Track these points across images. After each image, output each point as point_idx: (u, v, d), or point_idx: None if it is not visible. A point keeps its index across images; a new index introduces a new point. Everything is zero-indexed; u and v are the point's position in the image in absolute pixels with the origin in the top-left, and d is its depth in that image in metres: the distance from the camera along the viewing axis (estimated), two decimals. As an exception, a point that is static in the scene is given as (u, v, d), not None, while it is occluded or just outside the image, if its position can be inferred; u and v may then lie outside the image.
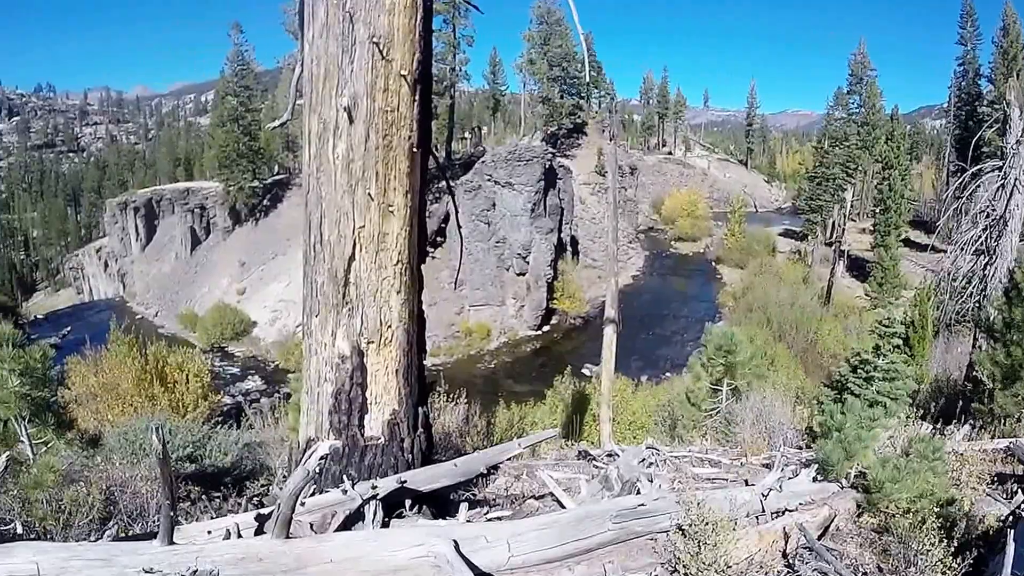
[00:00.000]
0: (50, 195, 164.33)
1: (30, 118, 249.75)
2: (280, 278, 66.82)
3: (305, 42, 6.12)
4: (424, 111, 6.17)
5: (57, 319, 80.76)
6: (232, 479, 9.89)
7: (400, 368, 6.41)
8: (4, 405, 11.01)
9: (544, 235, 59.32)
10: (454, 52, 73.97)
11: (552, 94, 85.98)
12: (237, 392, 49.10)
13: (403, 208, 6.11)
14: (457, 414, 16.54)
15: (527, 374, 49.40)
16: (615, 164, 22.05)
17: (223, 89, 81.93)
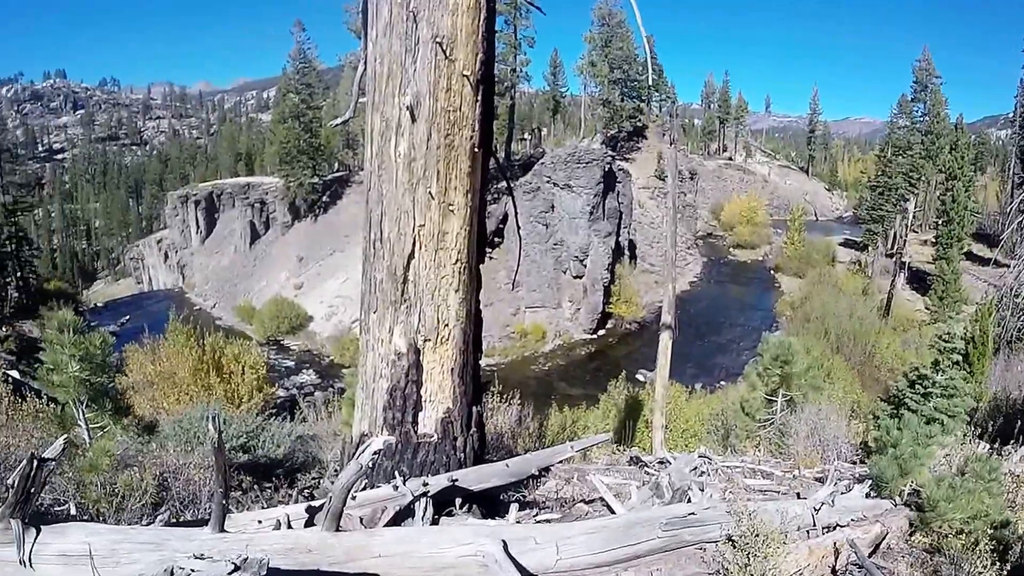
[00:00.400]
0: (113, 187, 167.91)
1: (94, 111, 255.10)
2: (337, 274, 67.34)
3: (368, 41, 6.15)
4: (486, 112, 6.16)
5: (116, 307, 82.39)
6: (284, 471, 9.98)
7: (456, 367, 6.41)
8: (63, 389, 11.28)
9: (602, 238, 59.14)
10: (515, 53, 73.93)
11: (613, 97, 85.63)
12: (291, 385, 49.63)
13: (463, 207, 6.11)
14: (510, 415, 16.54)
15: (581, 378, 49.32)
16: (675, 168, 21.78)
17: (285, 86, 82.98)
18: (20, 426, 10.90)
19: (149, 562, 4.48)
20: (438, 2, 5.67)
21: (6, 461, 7.91)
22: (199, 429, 11.81)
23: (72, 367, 11.25)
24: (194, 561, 4.04)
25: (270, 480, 9.29)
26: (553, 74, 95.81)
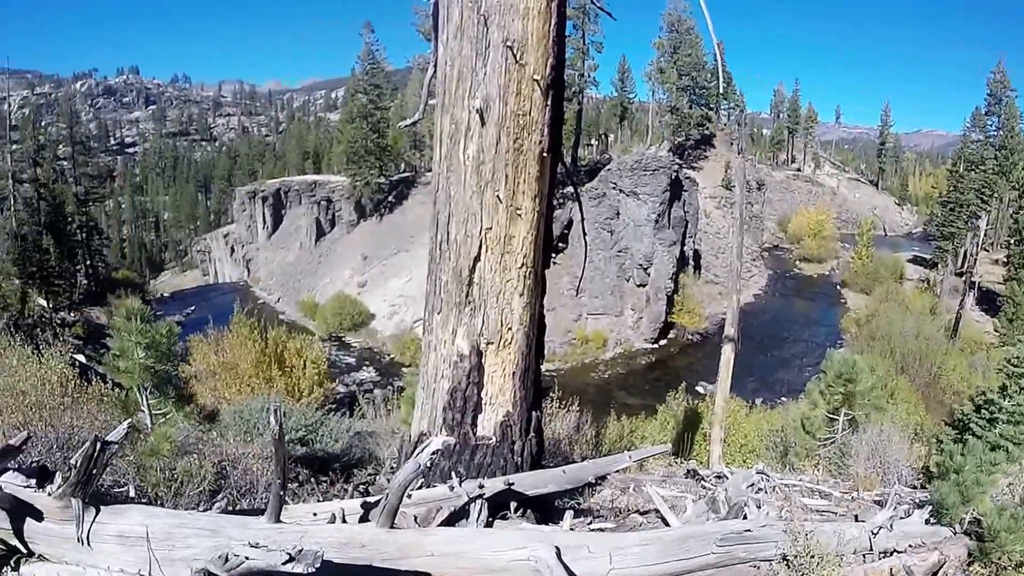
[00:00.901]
0: (182, 180, 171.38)
1: (166, 107, 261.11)
2: (401, 274, 67.80)
3: (439, 43, 6.18)
4: (555, 116, 6.14)
5: (182, 298, 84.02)
6: (340, 465, 10.08)
7: (517, 371, 6.40)
8: (128, 375, 11.51)
9: (667, 247, 58.68)
10: (583, 58, 73.81)
11: (681, 104, 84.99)
12: (351, 381, 50.14)
13: (531, 212, 6.09)
14: (568, 421, 16.47)
15: (640, 387, 49.01)
16: (743, 178, 21.71)
17: (354, 86, 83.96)
18: (85, 409, 11.12)
19: (204, 547, 4.58)
20: (509, 6, 5.66)
21: (69, 442, 8.09)
22: (259, 420, 11.99)
23: (138, 354, 11.47)
24: (249, 549, 4.09)
25: (326, 474, 9.39)
26: (621, 80, 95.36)
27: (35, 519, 4.85)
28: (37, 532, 4.88)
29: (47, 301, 54.36)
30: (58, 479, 4.87)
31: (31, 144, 68.58)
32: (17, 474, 5.12)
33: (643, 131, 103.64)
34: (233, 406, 15.16)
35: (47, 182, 67.25)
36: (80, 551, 4.77)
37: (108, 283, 77.83)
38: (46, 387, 12.00)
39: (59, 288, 57.16)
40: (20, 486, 4.98)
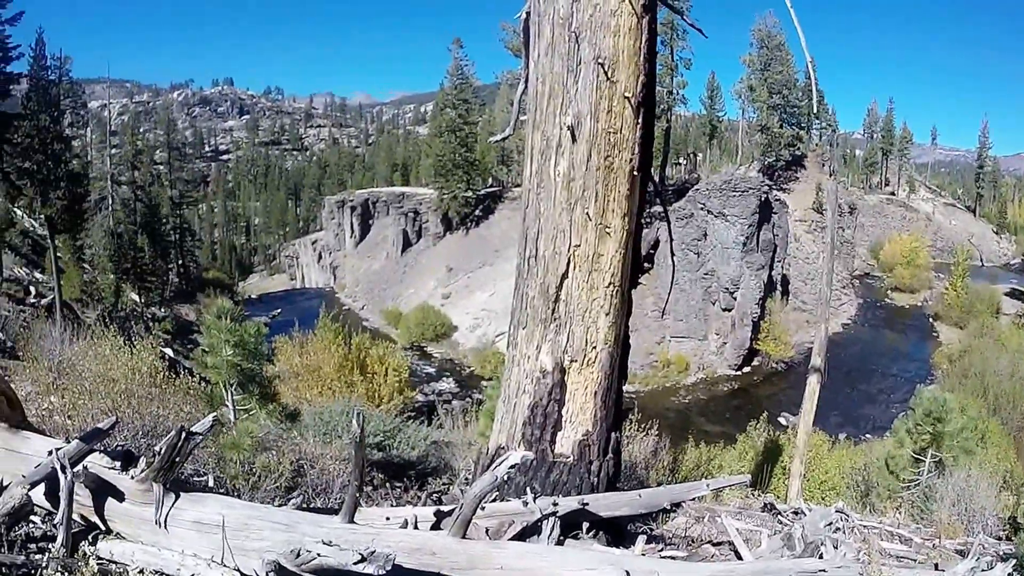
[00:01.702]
0: (273, 188, 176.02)
1: (259, 117, 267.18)
2: (485, 287, 68.21)
3: (530, 60, 6.19)
4: (646, 134, 6.10)
5: (269, 301, 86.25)
6: (416, 473, 10.16)
7: (599, 390, 6.33)
8: (216, 371, 11.85)
9: (754, 271, 57.59)
10: (672, 75, 73.34)
11: (771, 123, 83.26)
12: (431, 391, 50.57)
13: (620, 230, 6.05)
14: (646, 445, 16.29)
15: (721, 414, 48.34)
16: (835, 202, 21.20)
17: (442, 101, 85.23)
18: (171, 400, 11.44)
19: (277, 541, 4.65)
20: (600, 23, 5.66)
21: (155, 430, 8.33)
22: (339, 422, 12.14)
23: (226, 351, 11.78)
24: (322, 547, 4.13)
25: (401, 480, 9.48)
26: (710, 97, 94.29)
27: (116, 500, 5.06)
28: (117, 512, 5.07)
29: (140, 296, 56.18)
30: (142, 464, 5.07)
31: (130, 149, 71.39)
32: (103, 456, 5.38)
33: (732, 150, 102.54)
34: (314, 407, 15.38)
35: (144, 185, 69.82)
36: (157, 533, 4.94)
37: (198, 282, 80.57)
38: (136, 377, 12.36)
39: (151, 285, 58.98)
40: (105, 467, 5.23)
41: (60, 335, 19.60)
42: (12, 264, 44.14)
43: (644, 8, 5.79)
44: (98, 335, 16.35)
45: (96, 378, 11.48)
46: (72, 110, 53.40)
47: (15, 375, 11.81)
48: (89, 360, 13.42)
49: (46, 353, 14.72)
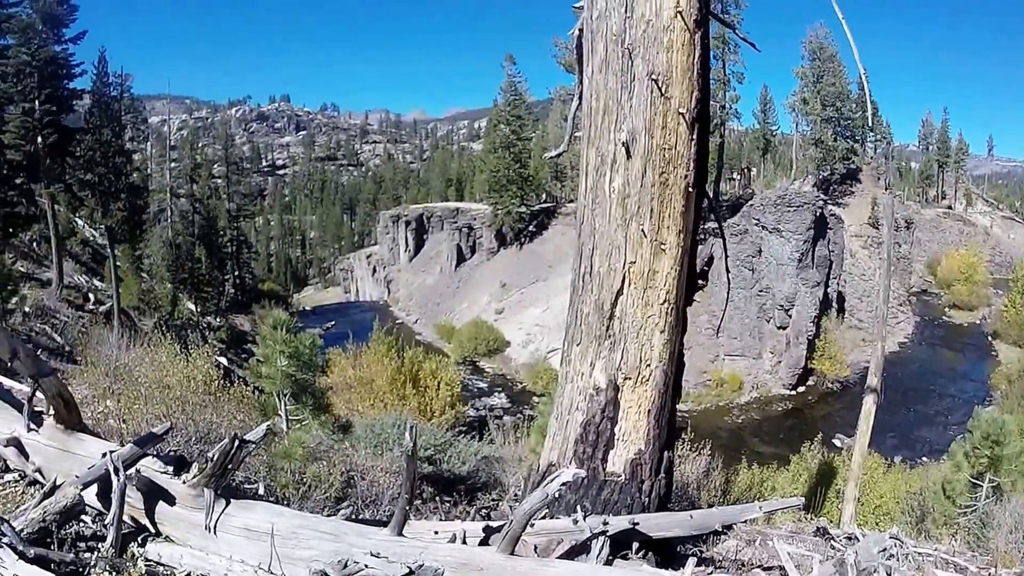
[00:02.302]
0: (328, 202, 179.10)
1: (315, 133, 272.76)
2: (538, 303, 68.21)
3: (584, 77, 6.19)
4: (700, 150, 6.07)
5: (324, 313, 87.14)
6: (465, 487, 10.19)
7: (652, 408, 6.28)
8: (270, 381, 12.00)
9: (810, 288, 56.60)
10: (724, 89, 72.68)
11: (825, 136, 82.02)
12: (482, 406, 50.62)
13: (675, 247, 6.01)
14: (698, 465, 16.12)
15: (774, 435, 47.63)
16: (891, 217, 20.78)
17: (496, 117, 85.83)
18: (225, 407, 11.65)
19: (325, 551, 4.72)
20: (653, 39, 5.65)
21: (207, 436, 8.47)
22: (390, 435, 12.22)
23: (281, 362, 11.92)
24: (370, 558, 4.18)
25: (450, 494, 9.51)
26: (763, 111, 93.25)
27: (167, 503, 5.21)
28: (167, 515, 5.20)
29: (196, 306, 57.39)
30: (194, 469, 5.27)
31: (189, 163, 73.29)
32: (156, 460, 5.57)
33: (786, 164, 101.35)
34: (366, 419, 15.49)
35: (202, 198, 71.48)
36: (206, 538, 5.04)
37: (254, 294, 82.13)
38: (191, 384, 12.60)
39: (208, 295, 60.24)
40: (158, 471, 5.40)
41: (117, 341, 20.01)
42: (73, 271, 45.14)
43: (696, 23, 5.78)
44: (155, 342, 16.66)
45: (152, 384, 11.72)
46: (133, 125, 54.61)
47: (72, 379, 12.05)
48: (145, 366, 13.69)
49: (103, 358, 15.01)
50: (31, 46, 38.89)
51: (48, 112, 39.66)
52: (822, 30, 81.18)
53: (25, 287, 31.56)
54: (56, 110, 40.46)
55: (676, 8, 5.64)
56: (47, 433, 6.03)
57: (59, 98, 40.80)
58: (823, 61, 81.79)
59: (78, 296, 40.03)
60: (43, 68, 39.19)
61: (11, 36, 39.61)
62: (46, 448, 5.96)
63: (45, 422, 6.10)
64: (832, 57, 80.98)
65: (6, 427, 6.19)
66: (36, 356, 6.20)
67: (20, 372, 6.32)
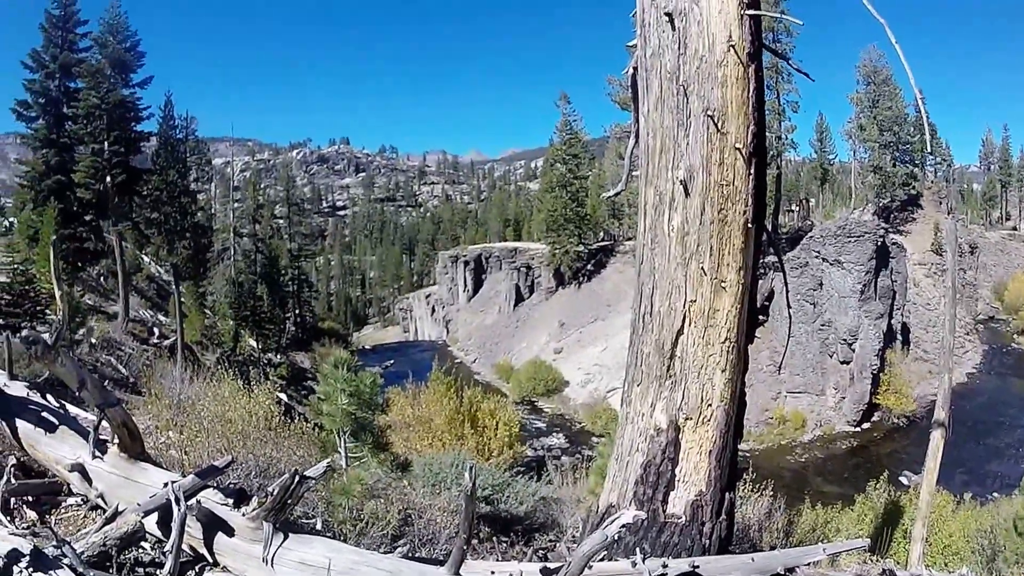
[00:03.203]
0: (388, 243, 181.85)
1: (374, 175, 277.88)
2: (597, 342, 67.98)
3: (640, 115, 6.22)
4: (758, 185, 6.03)
5: (383, 352, 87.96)
6: (523, 528, 10.13)
7: (714, 449, 6.19)
8: (330, 418, 12.16)
9: (873, 320, 55.27)
10: (780, 119, 71.82)
11: (883, 162, 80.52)
12: (540, 446, 50.21)
13: (735, 284, 5.96)
14: (760, 506, 15.82)
15: (839, 474, 46.51)
16: (954, 242, 20.33)
17: (552, 156, 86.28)
18: (285, 443, 11.73)
19: None
20: (707, 75, 5.67)
21: (267, 471, 8.55)
22: (448, 474, 12.20)
23: (342, 400, 12.09)
24: (426, 596, 4.17)
25: (507, 535, 9.46)
26: (820, 140, 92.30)
27: (226, 535, 5.28)
28: (225, 547, 5.28)
29: (257, 342, 58.11)
30: (254, 503, 5.31)
31: (251, 203, 75.01)
32: (216, 492, 5.65)
33: (845, 193, 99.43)
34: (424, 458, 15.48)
35: (264, 237, 73.01)
36: (263, 570, 5.10)
37: (314, 332, 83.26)
38: (252, 419, 12.73)
39: (269, 332, 60.87)
40: (218, 503, 5.47)
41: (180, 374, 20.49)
42: (138, 306, 46.44)
43: (749, 57, 5.78)
44: (217, 377, 16.91)
45: (213, 417, 11.87)
46: (198, 166, 56.35)
47: (136, 409, 12.28)
48: (208, 400, 13.89)
49: (166, 391, 15.35)
50: (101, 90, 40.61)
51: (117, 153, 41.36)
52: (875, 53, 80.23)
53: (92, 319, 32.43)
54: (124, 151, 42.21)
55: (729, 42, 5.67)
56: (111, 461, 6.18)
57: (127, 140, 42.58)
58: (878, 85, 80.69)
59: (143, 330, 41.00)
60: (112, 111, 40.89)
61: (82, 80, 41.63)
62: (109, 475, 6.10)
63: (109, 450, 6.25)
64: (887, 80, 79.86)
65: (71, 453, 6.38)
66: (103, 386, 6.35)
67: (87, 401, 6.46)
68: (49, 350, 5.62)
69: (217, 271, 65.28)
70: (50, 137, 41.09)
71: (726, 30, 5.69)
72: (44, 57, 41.42)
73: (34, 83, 41.36)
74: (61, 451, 6.55)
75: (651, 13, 6.02)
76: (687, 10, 5.76)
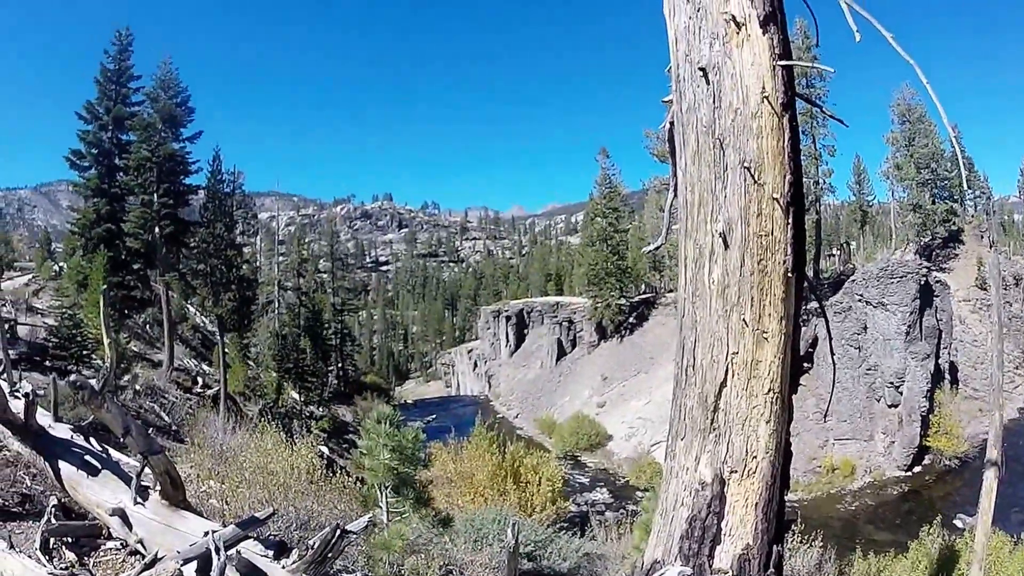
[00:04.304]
0: (430, 298, 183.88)
1: (417, 231, 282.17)
2: (640, 395, 67.51)
3: (677, 169, 6.27)
4: (797, 233, 6.02)
5: (425, 406, 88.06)
6: (567, 584, 10.04)
7: (760, 501, 6.13)
8: (372, 473, 12.23)
9: (919, 361, 54.22)
10: (816, 164, 71.37)
11: (922, 200, 79.60)
12: (584, 501, 49.74)
13: (777, 335, 5.94)
14: (809, 557, 15.61)
15: (890, 521, 45.46)
16: (998, 276, 20.07)
17: (592, 210, 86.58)
18: (326, 496, 11.77)
19: None
20: (742, 127, 5.72)
21: (308, 524, 8.59)
22: (490, 530, 12.16)
23: (384, 455, 12.14)
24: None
25: (552, 591, 9.37)
26: (858, 182, 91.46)
27: None
28: None
29: (299, 395, 58.68)
30: (294, 555, 5.39)
31: (296, 257, 76.29)
32: (257, 543, 5.73)
33: (886, 234, 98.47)
34: (466, 514, 15.47)
35: (308, 291, 74.12)
36: None
37: (356, 385, 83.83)
38: (294, 471, 12.82)
39: (311, 385, 61.36)
40: (258, 554, 5.54)
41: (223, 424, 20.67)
42: (183, 355, 47.64)
43: (783, 107, 5.81)
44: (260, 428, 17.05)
45: (255, 469, 11.98)
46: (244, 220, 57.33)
47: (178, 458, 12.44)
48: (250, 451, 14.02)
49: (209, 440, 15.52)
50: (152, 143, 42.46)
51: (166, 205, 43.02)
52: (908, 91, 79.68)
53: (137, 366, 33.18)
54: (173, 203, 43.85)
55: (762, 94, 5.72)
56: (152, 507, 6.26)
57: (176, 192, 44.30)
58: (913, 123, 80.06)
59: (187, 378, 41.81)
60: (162, 164, 42.70)
61: (134, 133, 43.59)
62: (150, 521, 6.18)
63: (151, 496, 6.34)
64: (921, 118, 79.24)
65: (113, 497, 6.48)
66: (147, 433, 6.45)
67: (131, 447, 6.55)
68: (96, 396, 5.71)
69: (261, 323, 66.28)
70: (101, 187, 42.82)
71: (759, 82, 5.75)
72: (98, 109, 43.36)
73: (87, 134, 43.19)
74: (103, 495, 6.67)
75: (685, 68, 6.10)
76: (720, 64, 5.84)
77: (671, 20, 6.34)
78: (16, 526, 7.07)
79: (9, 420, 8.35)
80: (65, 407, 9.67)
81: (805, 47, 59.56)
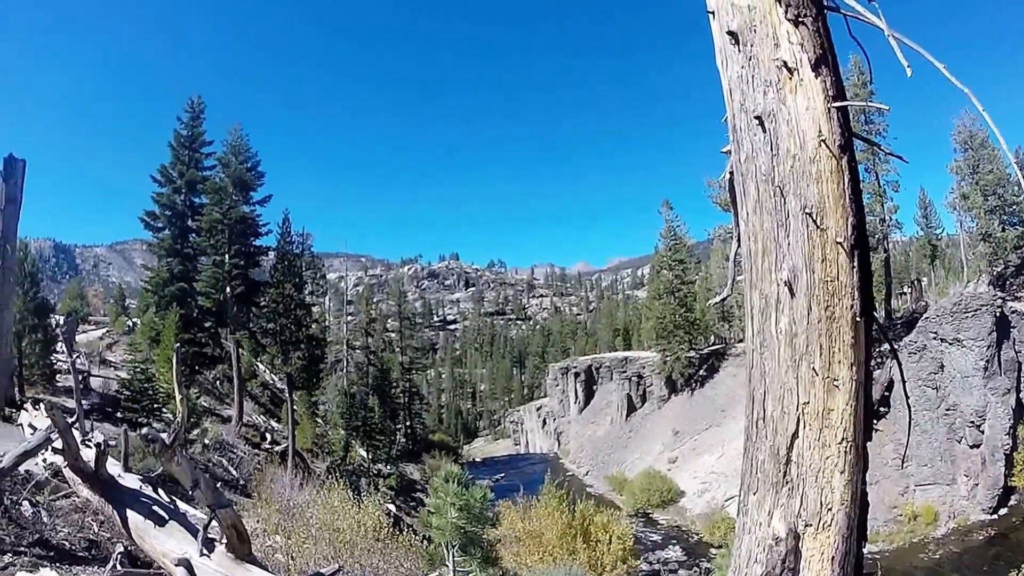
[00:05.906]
0: (498, 356, 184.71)
1: (484, 289, 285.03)
2: (712, 449, 66.52)
3: (740, 219, 6.24)
4: (864, 276, 5.89)
5: (493, 464, 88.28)
6: (638, 645, 9.86)
7: (837, 555, 5.92)
8: (440, 531, 12.21)
9: (1000, 397, 51.91)
10: (881, 202, 70.30)
11: (992, 228, 77.82)
12: (656, 560, 48.88)
13: (848, 381, 5.80)
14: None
15: (977, 567, 43.74)
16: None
17: (658, 263, 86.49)
18: (393, 554, 11.75)
19: None
20: (801, 173, 5.69)
21: None
22: (558, 591, 12.03)
23: (451, 514, 12.13)
24: None
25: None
26: (924, 216, 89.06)
27: None
28: None
29: (367, 452, 59.23)
30: None
31: (364, 317, 78.00)
32: None
33: (957, 267, 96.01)
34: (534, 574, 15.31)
35: (376, 350, 75.37)
36: None
37: (424, 443, 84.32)
38: (361, 528, 12.84)
39: (379, 443, 61.90)
40: None
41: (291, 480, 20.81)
42: (252, 411, 48.57)
43: (841, 149, 5.75)
44: (327, 486, 17.12)
45: (322, 525, 12.05)
46: (313, 280, 58.91)
47: (246, 512, 12.51)
48: (317, 507, 14.10)
49: (276, 495, 15.63)
50: (223, 206, 44.48)
51: (237, 265, 44.98)
52: (968, 118, 77.57)
53: (207, 421, 33.87)
54: (244, 264, 45.86)
55: (819, 137, 5.69)
56: (217, 560, 6.31)
57: (247, 253, 46.37)
58: (975, 150, 77.76)
59: (255, 434, 42.49)
60: (233, 226, 44.65)
61: (206, 196, 45.73)
62: (215, 573, 6.25)
63: (217, 549, 6.41)
64: (984, 144, 76.91)
65: (179, 548, 6.56)
66: (215, 487, 6.52)
67: (199, 500, 6.63)
68: (167, 449, 5.80)
69: (330, 381, 67.38)
70: (175, 247, 45.16)
71: (815, 126, 5.72)
72: (172, 173, 45.92)
73: (162, 196, 45.69)
74: (169, 545, 6.76)
75: (741, 118, 6.11)
76: (775, 111, 5.83)
77: (724, 71, 6.36)
78: (82, 570, 7.20)
79: (80, 468, 8.55)
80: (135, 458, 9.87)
81: (861, 83, 59.11)
